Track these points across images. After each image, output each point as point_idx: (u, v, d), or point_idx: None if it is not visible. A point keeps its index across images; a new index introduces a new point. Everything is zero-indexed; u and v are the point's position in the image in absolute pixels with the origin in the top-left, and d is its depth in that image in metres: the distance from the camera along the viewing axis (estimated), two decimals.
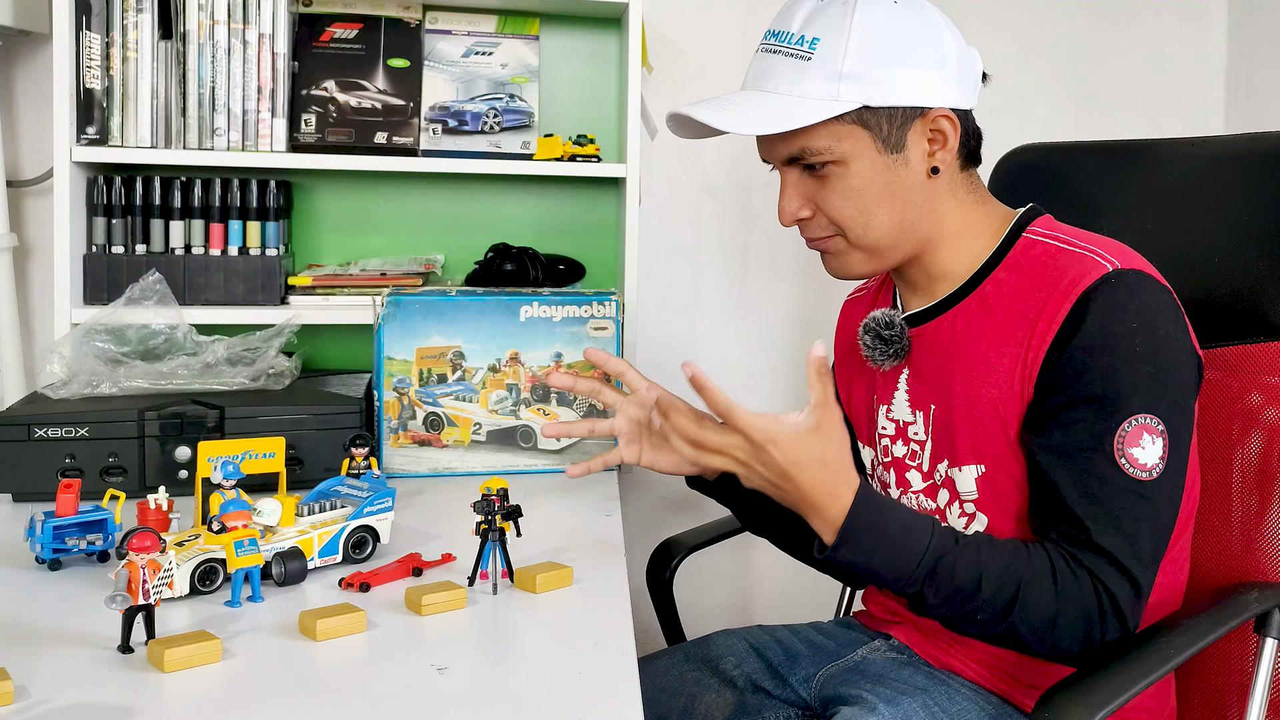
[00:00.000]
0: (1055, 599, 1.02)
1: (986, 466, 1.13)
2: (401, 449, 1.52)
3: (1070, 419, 1.05)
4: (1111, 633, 1.03)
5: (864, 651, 1.28)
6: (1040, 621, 1.02)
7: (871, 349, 1.21)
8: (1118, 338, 1.04)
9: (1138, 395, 1.04)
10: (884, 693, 1.16)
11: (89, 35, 1.66)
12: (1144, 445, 1.04)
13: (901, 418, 1.21)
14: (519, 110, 1.83)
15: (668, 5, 1.99)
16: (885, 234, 1.14)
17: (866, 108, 1.10)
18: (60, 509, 1.11)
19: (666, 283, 2.05)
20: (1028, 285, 1.11)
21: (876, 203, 1.12)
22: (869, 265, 1.17)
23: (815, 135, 1.11)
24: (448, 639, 0.96)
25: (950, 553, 1.03)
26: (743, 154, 2.05)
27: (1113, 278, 1.06)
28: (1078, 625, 1.02)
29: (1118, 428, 1.03)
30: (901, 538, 1.03)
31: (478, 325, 1.53)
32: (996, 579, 1.02)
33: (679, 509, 2.07)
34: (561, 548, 1.21)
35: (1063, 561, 1.03)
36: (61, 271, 1.65)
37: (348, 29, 1.81)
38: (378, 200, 1.89)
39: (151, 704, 0.83)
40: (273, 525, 1.10)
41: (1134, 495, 1.03)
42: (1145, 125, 2.12)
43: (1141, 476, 1.03)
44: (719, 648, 1.33)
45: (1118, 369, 1.04)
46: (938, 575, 1.02)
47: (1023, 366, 1.09)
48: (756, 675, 1.29)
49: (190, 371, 1.49)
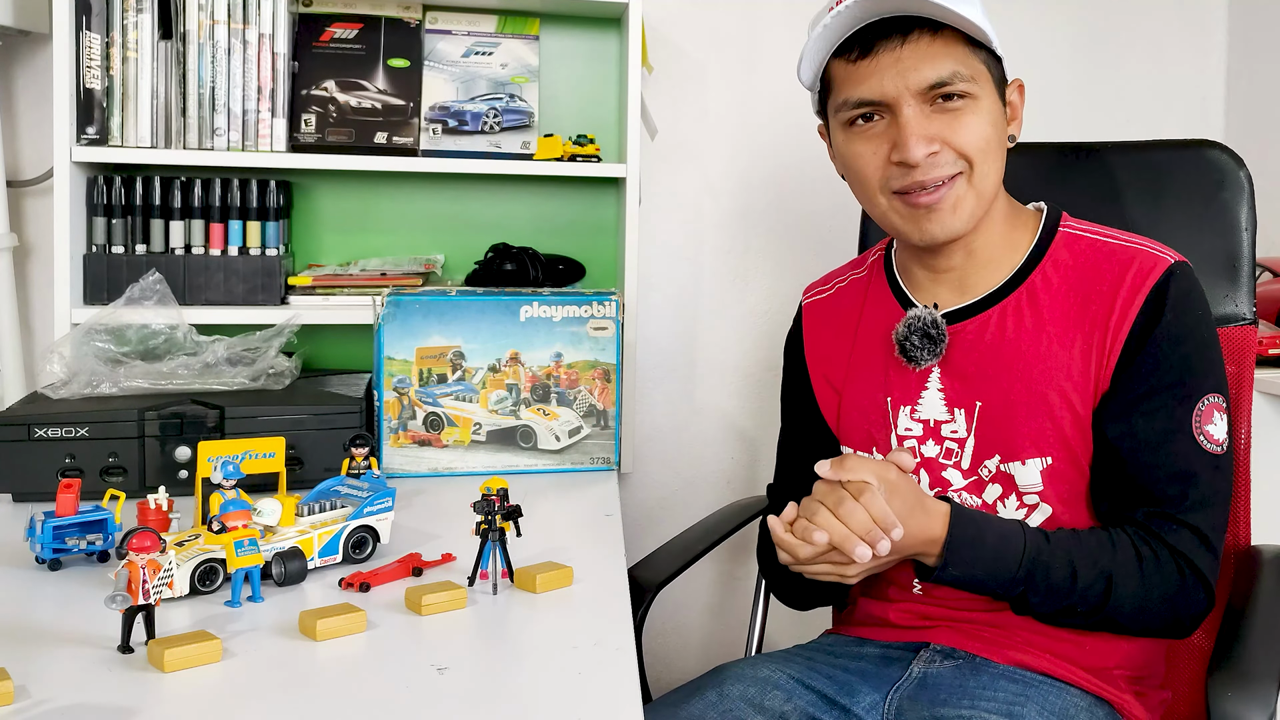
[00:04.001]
0: (1143, 585, 1.09)
1: (1054, 458, 1.15)
2: (401, 449, 1.52)
3: (1153, 406, 1.12)
4: (1196, 606, 1.11)
5: (920, 666, 1.18)
6: (1133, 608, 1.10)
7: (919, 348, 1.18)
8: (1191, 327, 1.12)
9: (1208, 376, 1.13)
10: (993, 704, 1.10)
11: (89, 35, 1.66)
12: (1216, 422, 1.13)
13: (933, 417, 1.20)
14: (519, 110, 1.83)
15: (668, 5, 1.99)
16: (995, 183, 1.16)
17: (993, 53, 1.16)
18: (60, 509, 1.11)
19: (666, 283, 2.05)
20: (1086, 278, 1.16)
21: (995, 146, 1.15)
22: (972, 217, 1.15)
23: (965, 61, 1.13)
24: (448, 639, 0.96)
25: (1044, 552, 1.10)
26: (743, 154, 2.05)
27: (1177, 269, 1.13)
28: (1165, 607, 1.10)
29: (1195, 409, 1.12)
30: (999, 545, 1.10)
31: (478, 325, 1.53)
32: (1089, 573, 1.09)
33: (678, 510, 2.07)
34: (561, 548, 1.21)
35: (1146, 547, 1.10)
36: (61, 271, 1.65)
37: (348, 29, 1.81)
38: (378, 200, 1.89)
39: (151, 704, 0.83)
40: (273, 525, 1.09)
41: (1213, 470, 1.12)
42: (1145, 125, 2.12)
43: (1216, 451, 1.13)
44: (754, 682, 1.18)
45: (1191, 353, 1.12)
46: (1035, 576, 1.09)
47: (1098, 356, 1.13)
48: (813, 709, 1.16)
49: (190, 371, 1.49)
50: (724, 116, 2.03)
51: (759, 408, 2.09)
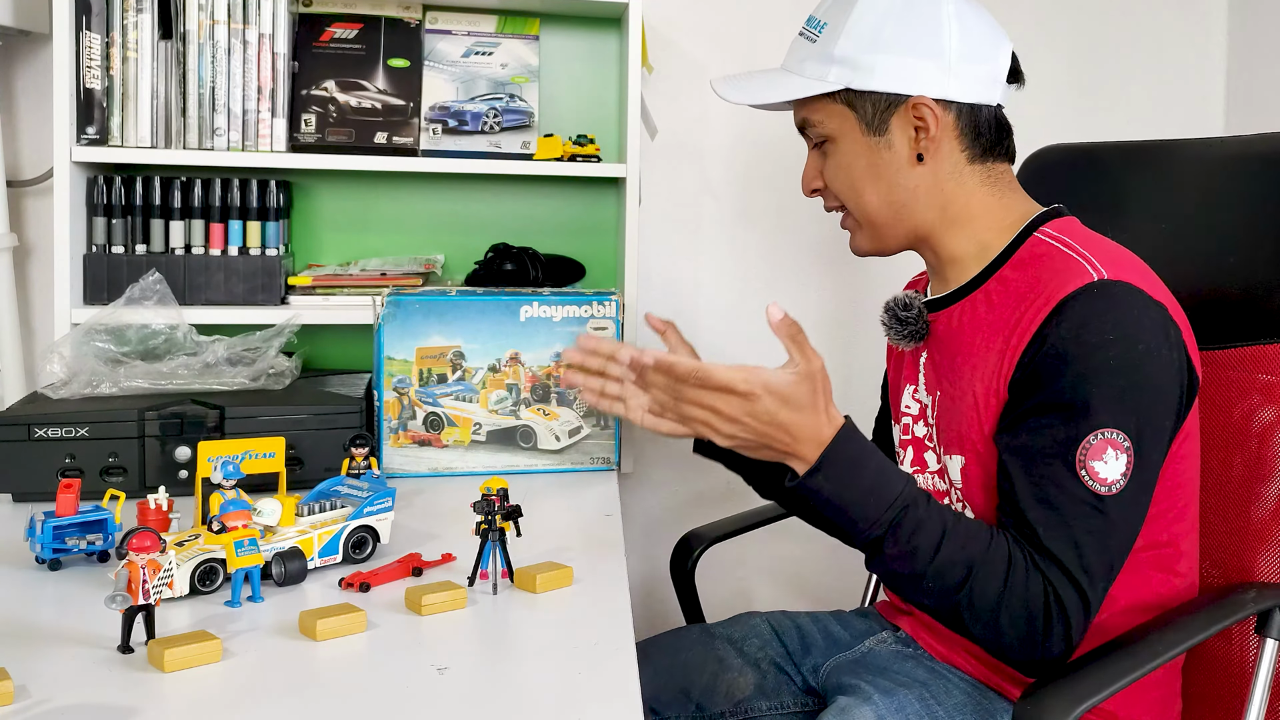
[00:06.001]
0: (1003, 588, 1.02)
1: (965, 459, 1.15)
2: (401, 449, 1.52)
3: (1038, 424, 1.05)
4: (1056, 641, 1.02)
5: (871, 643, 1.32)
6: (985, 607, 1.02)
7: (888, 327, 1.25)
8: (1091, 348, 1.03)
9: (1106, 409, 1.03)
10: (882, 684, 1.19)
11: (89, 35, 1.66)
12: (1106, 460, 1.03)
13: (923, 399, 1.25)
14: (519, 110, 1.83)
15: (668, 5, 1.99)
16: (876, 211, 1.20)
17: (850, 90, 1.17)
18: (60, 509, 1.11)
19: (666, 283, 2.05)
20: (1023, 285, 1.11)
21: (862, 180, 1.19)
22: (871, 243, 1.24)
23: (811, 110, 1.21)
24: (448, 639, 0.96)
25: (921, 508, 1.04)
26: (743, 154, 2.05)
27: (1095, 287, 1.05)
28: (1021, 622, 1.02)
29: (1082, 439, 1.03)
30: (877, 479, 1.04)
31: (478, 325, 1.53)
32: (954, 551, 1.03)
33: (678, 509, 2.07)
34: (561, 548, 1.21)
35: (1022, 556, 1.03)
36: (61, 271, 1.65)
37: (348, 29, 1.81)
38: (378, 200, 1.89)
39: (151, 704, 0.83)
40: (273, 525, 1.10)
41: (1089, 508, 1.03)
42: (1145, 125, 2.12)
43: (1100, 491, 1.03)
44: (744, 629, 1.38)
45: (1088, 379, 1.03)
46: (902, 526, 1.02)
47: (1000, 365, 1.10)
48: (778, 659, 1.34)
49: (190, 371, 1.49)
50: (724, 116, 2.03)
51: None
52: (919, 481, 1.18)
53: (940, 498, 1.20)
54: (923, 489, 1.07)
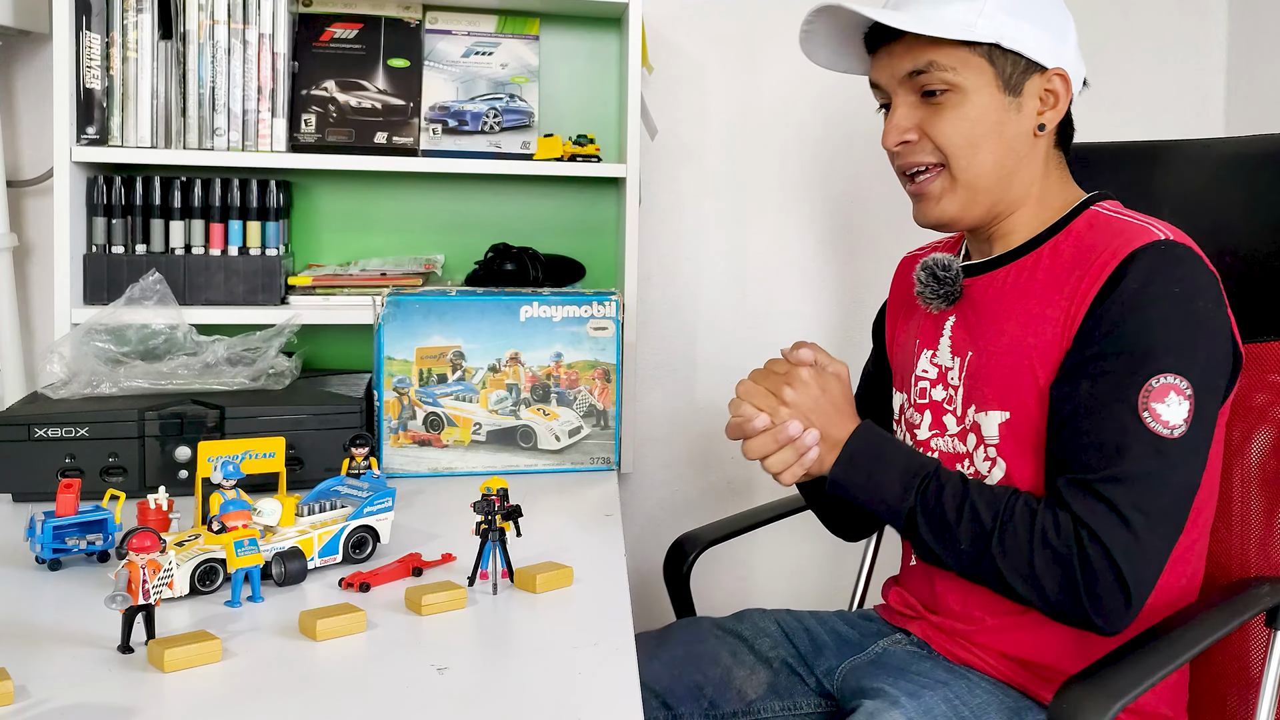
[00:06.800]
0: (1030, 540, 1.06)
1: (1012, 413, 1.17)
2: (401, 449, 1.52)
3: (1100, 370, 1.08)
4: (1105, 585, 1.03)
5: (884, 644, 1.31)
6: (1019, 561, 1.06)
7: (924, 286, 1.25)
8: (1156, 298, 1.07)
9: (1169, 354, 1.06)
10: (906, 686, 1.18)
11: (89, 35, 1.66)
12: (1169, 403, 1.05)
13: (943, 363, 1.26)
14: (519, 110, 1.83)
15: (668, 5, 1.99)
16: (985, 173, 1.18)
17: (997, 46, 1.16)
18: (60, 509, 1.11)
19: (666, 283, 2.05)
20: (1086, 248, 1.15)
21: (985, 138, 1.17)
22: (964, 208, 1.20)
23: (946, 54, 1.16)
24: (448, 639, 0.96)
25: (941, 478, 1.12)
26: (743, 154, 2.05)
27: (1162, 245, 1.10)
28: (1055, 570, 1.04)
29: (1144, 382, 1.06)
30: (895, 464, 1.14)
31: (478, 325, 1.53)
32: (979, 511, 1.09)
33: (678, 509, 2.07)
34: (561, 548, 1.21)
35: (1047, 510, 1.07)
36: (61, 271, 1.65)
37: (348, 29, 1.81)
38: (378, 200, 1.89)
39: (151, 704, 0.83)
40: (273, 525, 1.10)
41: (1151, 450, 1.05)
42: (1145, 125, 2.12)
43: (1162, 433, 1.05)
44: (753, 627, 1.37)
45: (1152, 326, 1.07)
46: (928, 497, 1.11)
47: (1066, 318, 1.13)
48: (790, 659, 1.34)
49: (190, 371, 1.49)
50: (724, 116, 2.03)
51: None
52: (938, 446, 1.24)
53: (959, 460, 1.22)
54: (944, 467, 1.15)
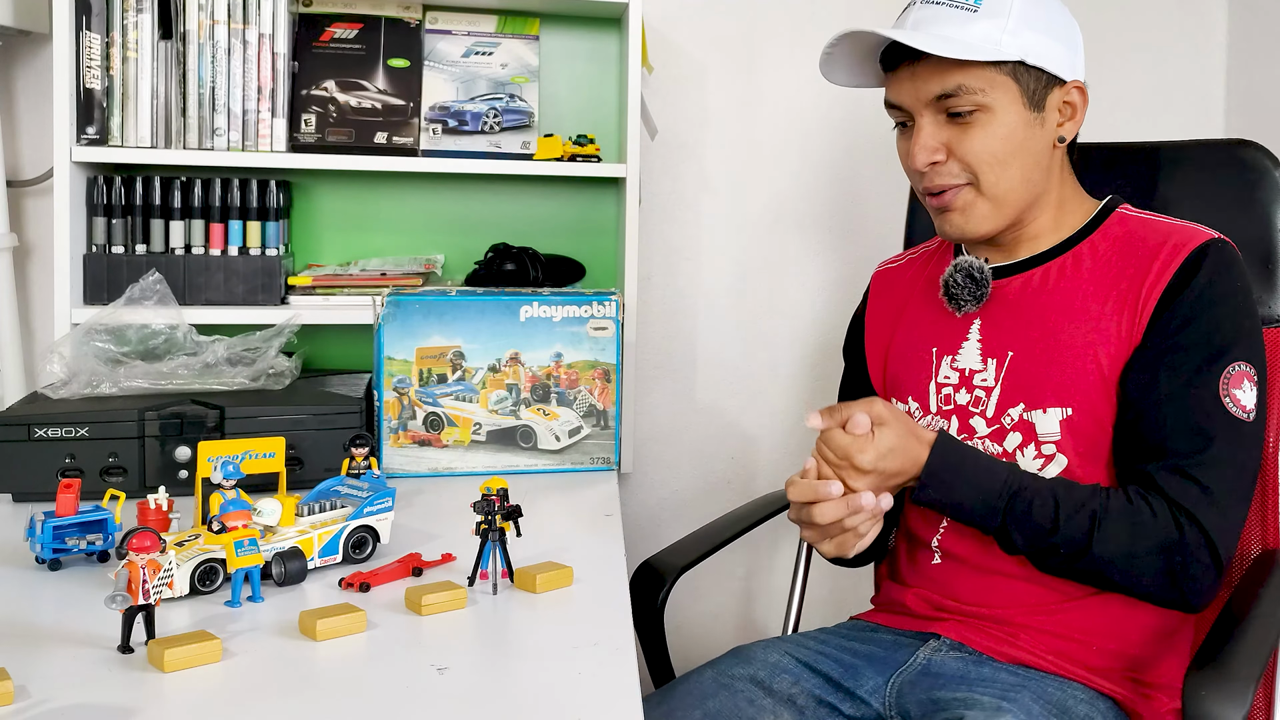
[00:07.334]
0: (1131, 531, 1.10)
1: (1074, 409, 1.18)
2: (401, 449, 1.52)
3: (1177, 362, 1.14)
4: (1201, 565, 1.09)
5: (925, 653, 1.23)
6: (1120, 553, 1.10)
7: (960, 288, 1.26)
8: (1226, 293, 1.15)
9: (1240, 345, 1.15)
10: (987, 690, 1.14)
11: (89, 35, 1.66)
12: (1245, 389, 1.14)
13: (969, 366, 1.27)
14: (519, 110, 1.83)
15: (668, 5, 1.99)
16: (1013, 187, 1.22)
17: (1022, 63, 1.19)
18: (60, 509, 1.11)
19: (666, 283, 2.05)
20: (1130, 247, 1.21)
21: (1012, 155, 1.20)
22: (991, 221, 1.23)
23: (974, 76, 1.18)
24: (448, 639, 0.96)
25: (1028, 487, 1.13)
26: (743, 154, 2.05)
27: (1219, 243, 1.17)
28: (1160, 559, 1.09)
29: (1223, 370, 1.13)
30: (981, 473, 1.14)
31: (478, 325, 1.53)
32: (1073, 513, 1.11)
33: (678, 510, 2.07)
34: (561, 548, 1.21)
35: (1140, 499, 1.11)
36: (61, 271, 1.65)
37: (348, 29, 1.81)
38: (378, 200, 1.89)
39: (151, 704, 0.83)
40: (273, 525, 1.10)
41: (1234, 432, 1.12)
42: (1145, 125, 2.12)
43: (1241, 417, 1.13)
44: (763, 666, 1.23)
45: (1227, 320, 1.15)
46: (1016, 507, 1.12)
47: (1131, 315, 1.17)
48: (820, 691, 1.22)
49: (190, 371, 1.49)
50: (724, 116, 2.03)
51: (760, 407, 2.09)
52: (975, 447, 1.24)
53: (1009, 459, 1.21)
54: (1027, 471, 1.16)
